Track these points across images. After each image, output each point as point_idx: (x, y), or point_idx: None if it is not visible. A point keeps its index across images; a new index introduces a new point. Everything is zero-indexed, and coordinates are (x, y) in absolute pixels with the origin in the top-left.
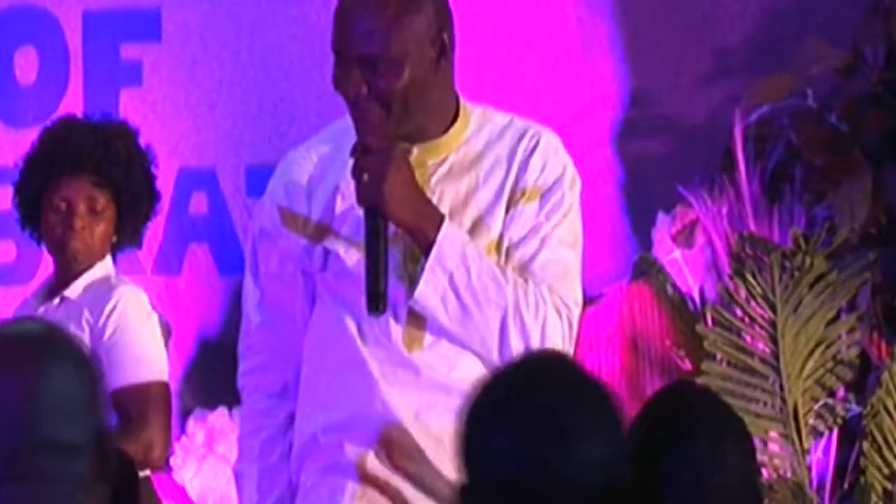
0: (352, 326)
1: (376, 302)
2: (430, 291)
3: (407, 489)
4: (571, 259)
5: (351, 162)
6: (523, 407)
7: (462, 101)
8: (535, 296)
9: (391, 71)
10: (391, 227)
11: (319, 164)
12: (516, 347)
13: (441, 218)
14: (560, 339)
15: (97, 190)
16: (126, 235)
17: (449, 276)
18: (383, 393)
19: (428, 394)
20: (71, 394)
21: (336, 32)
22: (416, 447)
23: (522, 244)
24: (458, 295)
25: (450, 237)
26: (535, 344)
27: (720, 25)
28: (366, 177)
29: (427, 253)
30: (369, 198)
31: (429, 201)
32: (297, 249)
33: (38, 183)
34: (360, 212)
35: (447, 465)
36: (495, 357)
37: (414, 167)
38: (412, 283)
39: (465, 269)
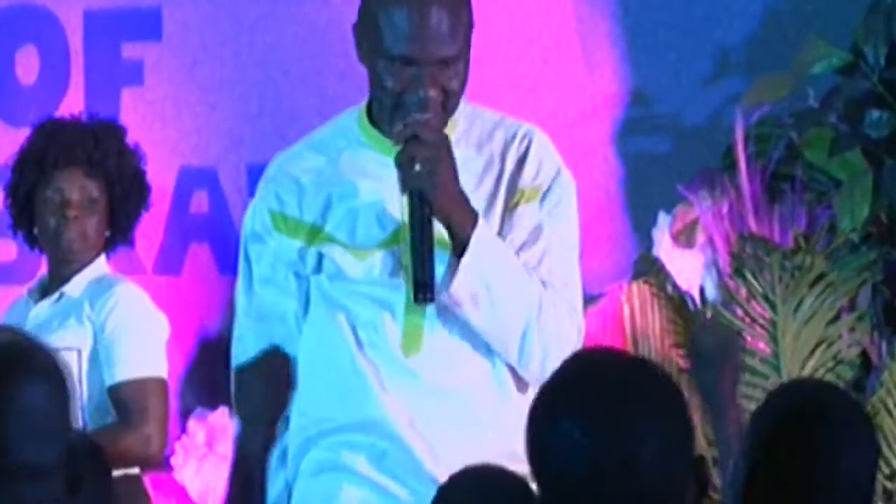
0: (347, 331)
1: (424, 290)
2: (462, 287)
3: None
4: (574, 262)
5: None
6: (583, 402)
7: None
8: (553, 301)
9: (460, 71)
10: (382, 235)
11: (313, 173)
12: (535, 351)
13: (476, 215)
14: (572, 344)
15: (90, 180)
16: (119, 229)
17: (482, 274)
18: (379, 399)
19: (425, 400)
20: (41, 413)
21: (398, 36)
22: None
23: (526, 248)
24: (489, 292)
25: (485, 234)
26: (552, 347)
27: (720, 25)
28: (418, 164)
29: (461, 248)
30: (421, 184)
31: (467, 198)
32: (289, 252)
33: (31, 178)
34: (358, 215)
35: (441, 473)
36: (514, 357)
37: None
38: (414, 283)
39: (497, 268)
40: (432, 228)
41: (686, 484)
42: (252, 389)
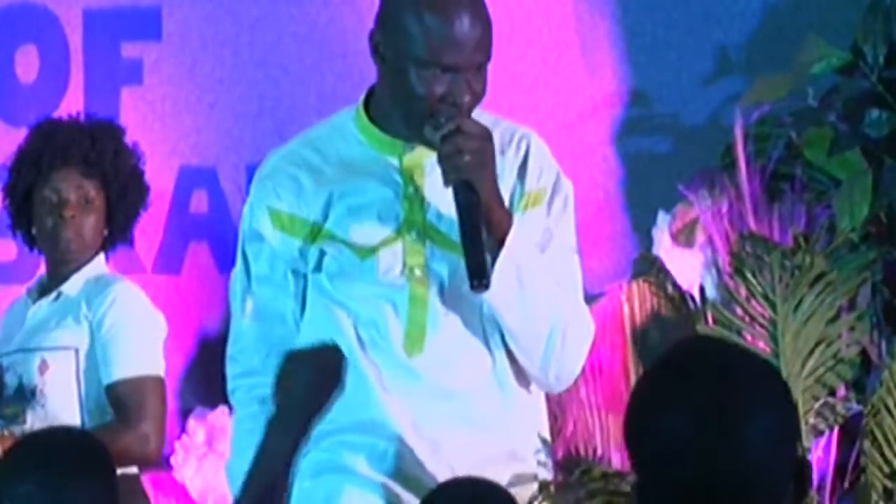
0: (349, 330)
1: (481, 276)
2: (500, 282)
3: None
4: (577, 263)
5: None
6: (689, 391)
7: None
8: (569, 302)
9: (485, 75)
10: (384, 233)
11: (311, 171)
12: (556, 352)
13: (511, 214)
14: (586, 346)
15: (86, 180)
16: (117, 228)
17: (518, 270)
18: (381, 399)
19: (427, 401)
20: None
21: (436, 43)
22: None
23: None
24: (522, 289)
25: (520, 231)
26: (571, 349)
27: (721, 24)
28: (467, 155)
29: (498, 244)
30: (470, 174)
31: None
32: (288, 250)
33: (28, 178)
34: (360, 214)
35: (443, 473)
36: (537, 357)
37: (412, 167)
38: (416, 284)
39: (529, 266)
40: (480, 216)
41: (787, 479)
42: (296, 379)
